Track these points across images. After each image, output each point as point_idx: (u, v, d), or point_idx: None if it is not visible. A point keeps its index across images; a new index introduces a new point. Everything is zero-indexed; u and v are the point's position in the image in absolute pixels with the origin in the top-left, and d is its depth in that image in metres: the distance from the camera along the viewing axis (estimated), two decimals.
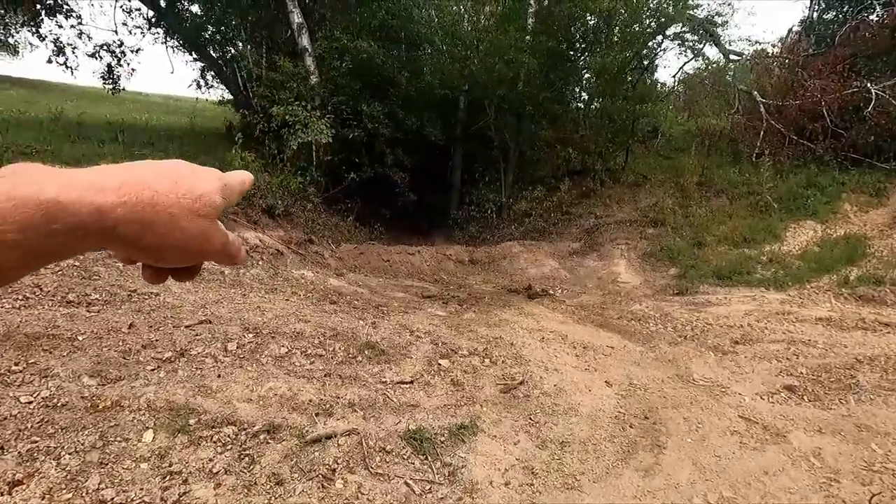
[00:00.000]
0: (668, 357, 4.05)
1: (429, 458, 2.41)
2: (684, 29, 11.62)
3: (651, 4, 10.75)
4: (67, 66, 12.22)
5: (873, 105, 8.73)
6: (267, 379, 2.94)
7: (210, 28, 11.70)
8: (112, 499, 1.90)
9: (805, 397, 3.33)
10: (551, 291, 6.28)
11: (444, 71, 11.49)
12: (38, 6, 11.12)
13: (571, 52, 11.69)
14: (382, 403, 2.88)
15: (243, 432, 2.38)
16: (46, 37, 11.89)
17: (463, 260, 8.05)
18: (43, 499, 1.85)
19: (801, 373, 3.66)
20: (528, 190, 10.93)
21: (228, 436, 2.33)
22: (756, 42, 13.67)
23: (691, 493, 2.37)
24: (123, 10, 12.36)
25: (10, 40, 20.30)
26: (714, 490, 2.39)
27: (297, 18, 9.47)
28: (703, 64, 13.61)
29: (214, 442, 2.27)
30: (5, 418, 2.20)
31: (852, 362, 3.82)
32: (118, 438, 2.17)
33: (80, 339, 2.93)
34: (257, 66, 9.95)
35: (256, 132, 9.09)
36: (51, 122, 8.78)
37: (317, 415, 2.64)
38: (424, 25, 11.49)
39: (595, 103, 12.72)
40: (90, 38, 12.37)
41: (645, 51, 12.00)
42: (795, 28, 13.04)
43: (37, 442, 2.06)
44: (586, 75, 12.40)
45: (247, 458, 2.21)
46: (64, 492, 1.89)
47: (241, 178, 0.45)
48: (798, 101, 9.82)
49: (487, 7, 12.30)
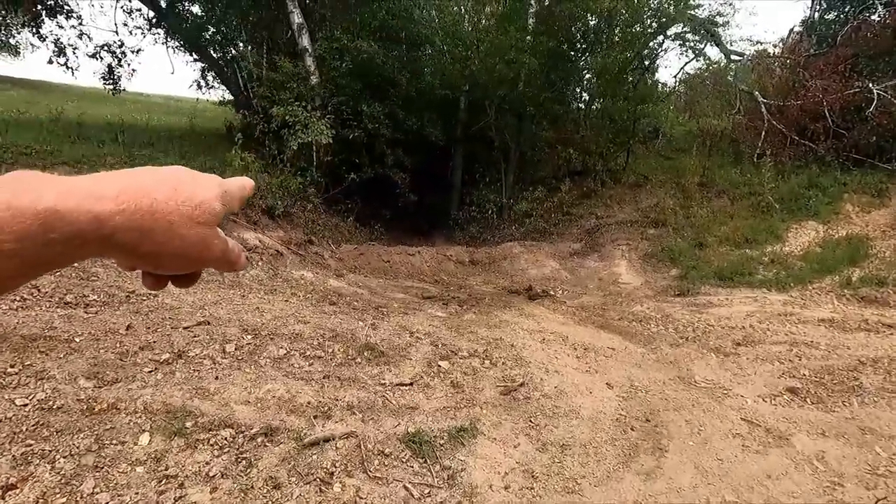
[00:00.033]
0: (669, 358, 4.02)
1: (428, 461, 2.39)
2: (685, 29, 11.60)
3: (652, 4, 10.74)
4: (68, 67, 12.22)
5: (875, 105, 8.69)
6: (265, 381, 2.91)
7: (211, 29, 11.69)
8: (107, 503, 1.88)
9: (808, 400, 3.30)
10: (552, 292, 6.26)
11: (445, 71, 11.47)
12: (38, 7, 11.11)
13: (572, 52, 11.66)
14: (381, 406, 2.85)
15: (241, 435, 2.36)
16: (47, 37, 11.89)
17: (463, 261, 8.02)
18: (37, 503, 1.83)
19: (804, 375, 3.63)
20: (529, 190, 10.89)
21: (225, 439, 2.31)
22: (757, 42, 13.65)
23: (693, 497, 2.35)
24: (124, 11, 12.36)
25: (12, 41, 20.34)
26: (716, 494, 2.36)
27: (297, 19, 9.46)
28: (705, 64, 13.61)
29: (211, 445, 2.25)
30: (0, 421, 2.18)
31: (855, 364, 3.79)
32: (114, 441, 2.14)
33: (77, 340, 2.91)
34: (258, 67, 9.93)
35: (256, 133, 9.07)
36: (51, 122, 8.75)
37: (315, 417, 2.61)
38: (425, 26, 11.47)
39: (596, 104, 12.71)
40: (90, 39, 12.36)
41: (646, 51, 11.98)
42: (797, 28, 13.00)
43: (31, 445, 2.04)
44: (587, 76, 12.38)
45: (244, 462, 2.18)
46: (58, 496, 1.86)
47: (241, 184, 0.45)
48: (799, 102, 9.78)
49: (488, 7, 12.29)
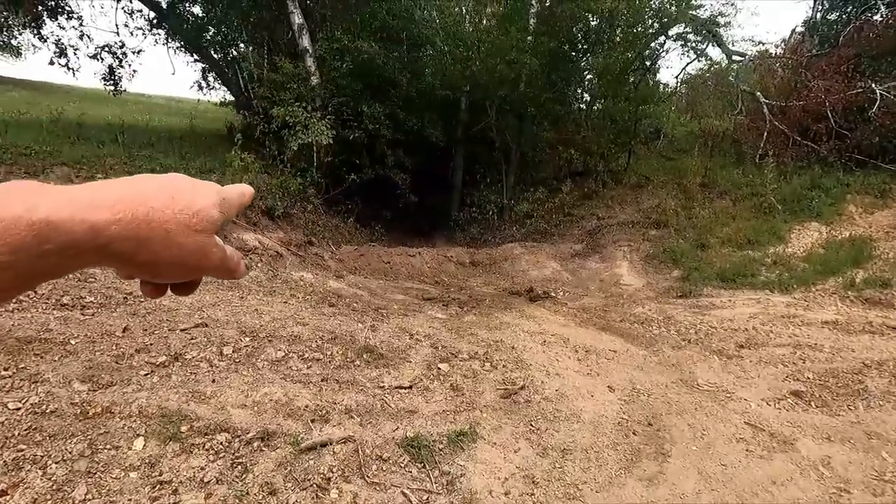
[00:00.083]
0: (671, 361, 3.98)
1: (427, 466, 2.35)
2: (687, 29, 11.55)
3: (653, 5, 10.70)
4: (69, 68, 12.21)
5: (878, 106, 8.64)
6: (262, 384, 2.88)
7: (211, 29, 11.68)
8: None
9: (812, 403, 3.25)
10: (553, 294, 6.22)
11: (446, 72, 11.44)
12: (39, 8, 11.11)
13: (573, 52, 11.63)
14: (380, 409, 2.82)
15: (237, 440, 2.33)
16: (48, 38, 11.90)
17: (464, 262, 7.98)
18: None
19: (808, 378, 3.59)
20: (530, 191, 10.85)
21: (221, 443, 2.27)
22: (759, 42, 13.57)
23: (696, 503, 2.31)
24: (125, 12, 12.36)
25: (14, 42, 20.37)
26: (720, 500, 2.32)
27: (297, 19, 9.43)
28: (706, 65, 13.57)
29: (207, 450, 2.21)
30: None
31: (860, 367, 3.74)
32: (108, 446, 2.11)
33: (73, 342, 2.88)
34: (258, 68, 9.90)
35: (257, 133, 9.05)
36: (51, 123, 8.73)
37: (312, 421, 2.58)
38: (426, 26, 11.44)
39: (597, 104, 12.67)
40: (91, 40, 12.37)
41: (647, 51, 11.93)
42: (798, 28, 12.95)
43: (23, 450, 2.01)
44: (588, 76, 12.35)
45: (239, 467, 2.15)
46: (49, 502, 1.83)
47: (240, 191, 0.44)
48: (802, 102, 9.73)
49: (489, 8, 12.26)
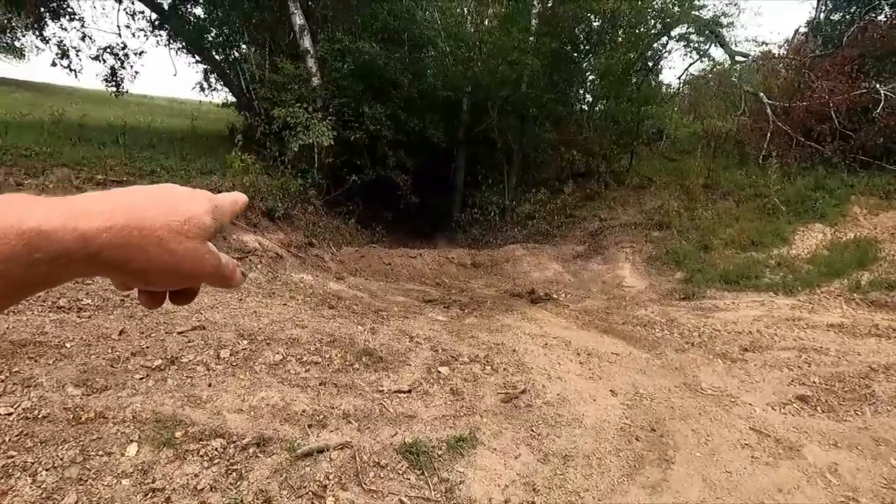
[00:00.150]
0: (674, 364, 3.93)
1: (425, 473, 2.31)
2: (689, 30, 11.49)
3: (656, 5, 10.65)
4: (71, 69, 12.22)
5: (882, 106, 8.58)
6: (259, 388, 2.84)
7: (213, 31, 11.67)
8: None
9: (818, 408, 3.20)
10: (555, 295, 6.17)
11: (447, 72, 11.41)
12: (41, 9, 11.12)
13: (575, 53, 11.58)
14: (378, 414, 2.77)
15: (232, 445, 2.29)
16: (50, 40, 11.92)
17: (465, 263, 7.94)
18: None
19: (814, 382, 3.53)
20: (532, 192, 10.80)
21: (216, 449, 2.23)
22: (762, 43, 13.48)
23: None
24: (127, 13, 12.34)
25: (17, 44, 20.45)
26: None
27: (298, 20, 9.41)
28: (709, 65, 13.49)
29: (201, 456, 2.17)
30: None
31: (867, 371, 3.68)
32: (100, 452, 2.07)
33: (68, 346, 2.84)
34: (259, 69, 9.89)
35: (258, 134, 9.02)
36: (52, 124, 8.73)
37: (310, 426, 2.54)
38: (427, 27, 11.41)
39: (599, 105, 12.63)
40: (93, 41, 12.38)
41: (650, 52, 11.88)
42: (802, 29, 12.87)
43: (13, 457, 1.97)
44: (590, 77, 12.31)
45: (234, 474, 2.11)
46: None
47: (233, 199, 0.45)
48: (805, 103, 9.66)
49: (491, 8, 12.23)
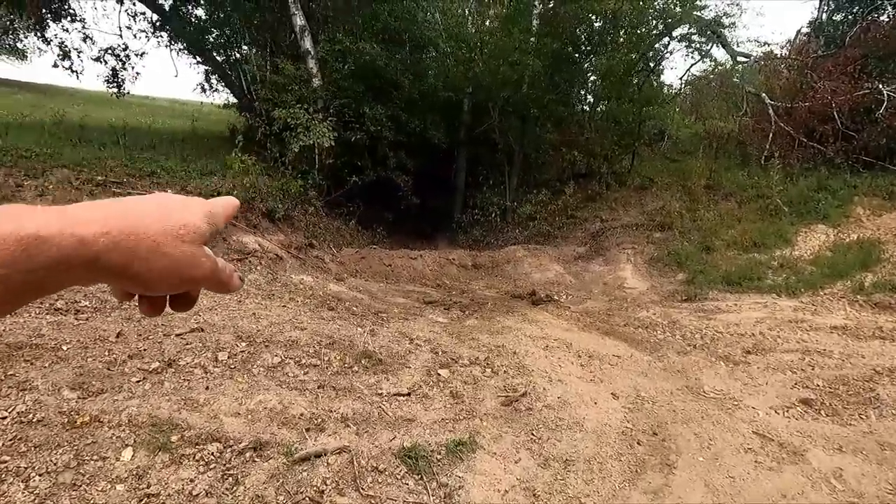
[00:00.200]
0: (676, 367, 3.89)
1: (424, 478, 2.28)
2: (691, 30, 11.45)
3: (657, 5, 10.61)
4: (73, 71, 12.23)
5: (885, 107, 8.53)
6: (257, 391, 2.82)
7: (214, 32, 11.67)
8: None
9: (822, 412, 3.16)
10: (556, 297, 6.13)
11: (448, 73, 11.38)
12: (42, 10, 11.13)
13: (577, 54, 11.55)
14: (377, 417, 2.75)
15: (228, 450, 2.26)
16: (52, 41, 11.93)
17: (466, 264, 7.91)
18: None
19: (818, 385, 3.50)
20: (533, 193, 10.76)
21: (212, 454, 2.21)
22: (764, 43, 13.42)
23: None
24: (128, 14, 12.34)
25: (19, 45, 20.49)
26: None
27: (299, 21, 9.40)
28: (711, 66, 13.44)
29: (197, 461, 2.15)
30: None
31: (871, 374, 3.64)
32: (94, 457, 2.05)
33: (65, 348, 2.82)
34: (260, 70, 9.88)
35: (258, 135, 9.01)
36: (53, 125, 8.73)
37: (307, 430, 2.51)
38: (428, 28, 11.39)
39: (601, 106, 12.59)
40: (94, 43, 12.40)
41: (651, 52, 11.84)
42: (804, 29, 12.82)
43: (6, 462, 1.95)
44: (592, 77, 12.27)
45: (230, 479, 2.08)
46: None
47: (225, 202, 0.46)
48: (808, 104, 9.62)
49: (492, 9, 12.22)
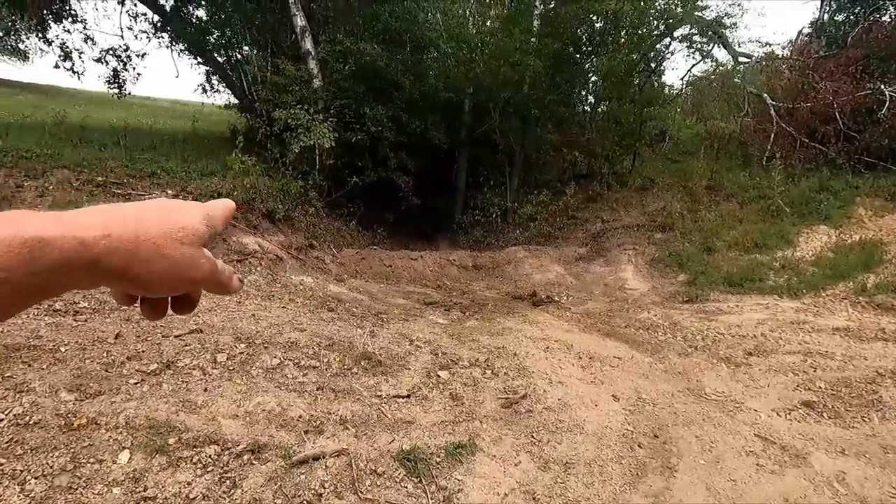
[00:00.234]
0: (677, 369, 3.87)
1: (423, 480, 2.27)
2: (692, 31, 11.43)
3: (658, 6, 10.59)
4: (74, 71, 12.24)
5: (887, 107, 8.50)
6: (256, 393, 2.80)
7: (215, 32, 11.68)
8: None
9: (825, 414, 3.14)
10: (556, 298, 6.12)
11: (449, 74, 11.38)
12: (44, 11, 11.14)
13: (578, 54, 11.53)
14: (376, 420, 2.73)
15: (226, 452, 2.25)
16: (53, 42, 11.95)
17: (467, 265, 7.89)
18: None
19: (820, 387, 3.47)
20: (534, 194, 10.74)
21: (210, 456, 2.19)
22: (766, 44, 13.39)
23: None
24: (129, 15, 12.36)
25: (21, 46, 20.54)
26: None
27: (300, 22, 9.40)
28: (712, 66, 13.41)
29: (194, 463, 2.13)
30: None
31: (873, 376, 3.62)
32: (91, 460, 2.04)
33: (63, 350, 2.81)
34: (261, 70, 9.88)
35: (259, 136, 9.01)
36: (54, 126, 8.73)
37: (306, 432, 2.50)
38: (429, 28, 11.38)
39: (602, 106, 12.56)
40: (95, 43, 12.40)
41: (652, 53, 11.82)
42: (806, 29, 12.80)
43: (2, 465, 1.93)
44: (593, 78, 12.25)
45: (227, 482, 2.07)
46: None
47: (223, 205, 0.47)
48: (809, 104, 9.59)
49: (493, 10, 12.20)
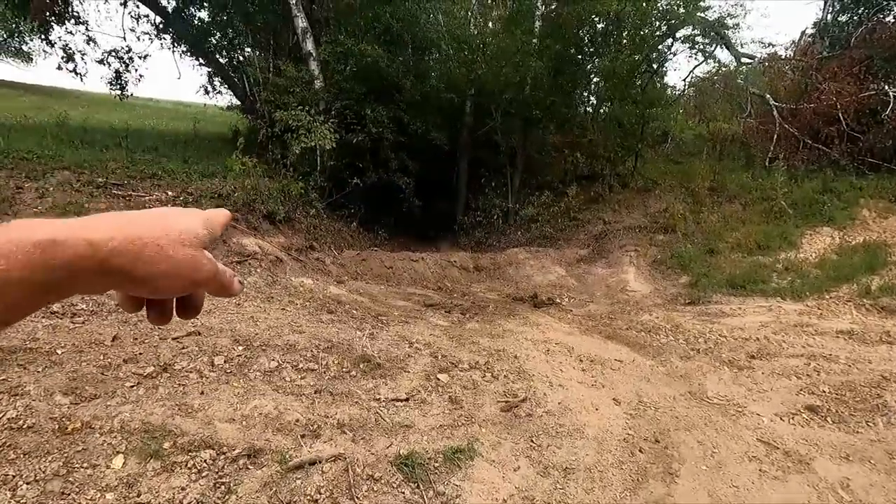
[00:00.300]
0: (679, 372, 3.84)
1: (420, 486, 2.24)
2: (695, 31, 11.39)
3: (661, 6, 10.55)
4: (76, 73, 12.27)
5: (891, 108, 8.47)
6: (253, 396, 2.78)
7: (217, 34, 11.70)
8: None
9: (829, 419, 3.10)
10: (558, 300, 6.08)
11: (450, 75, 11.35)
12: (46, 13, 11.17)
13: (579, 55, 11.48)
14: (374, 424, 2.71)
15: (222, 457, 2.22)
16: (56, 43, 11.99)
17: (468, 267, 7.86)
18: None
19: (824, 391, 3.43)
20: (535, 195, 10.70)
21: (205, 461, 2.17)
22: (769, 44, 13.34)
23: None
24: (131, 17, 12.39)
25: (24, 48, 20.62)
26: None
27: (301, 23, 9.40)
28: (714, 67, 13.34)
29: (189, 468, 2.11)
30: None
31: (878, 380, 3.58)
32: (84, 465, 2.01)
33: (59, 352, 2.80)
34: (263, 72, 9.88)
35: (260, 137, 9.00)
36: (56, 127, 8.74)
37: (303, 437, 2.47)
38: (430, 29, 11.36)
39: (604, 107, 12.51)
40: (97, 45, 12.43)
41: (654, 54, 11.78)
42: (809, 30, 12.75)
43: None
44: (595, 79, 12.20)
45: (222, 487, 2.04)
46: None
47: (221, 212, 0.50)
48: (812, 105, 9.55)
49: (494, 11, 12.18)
